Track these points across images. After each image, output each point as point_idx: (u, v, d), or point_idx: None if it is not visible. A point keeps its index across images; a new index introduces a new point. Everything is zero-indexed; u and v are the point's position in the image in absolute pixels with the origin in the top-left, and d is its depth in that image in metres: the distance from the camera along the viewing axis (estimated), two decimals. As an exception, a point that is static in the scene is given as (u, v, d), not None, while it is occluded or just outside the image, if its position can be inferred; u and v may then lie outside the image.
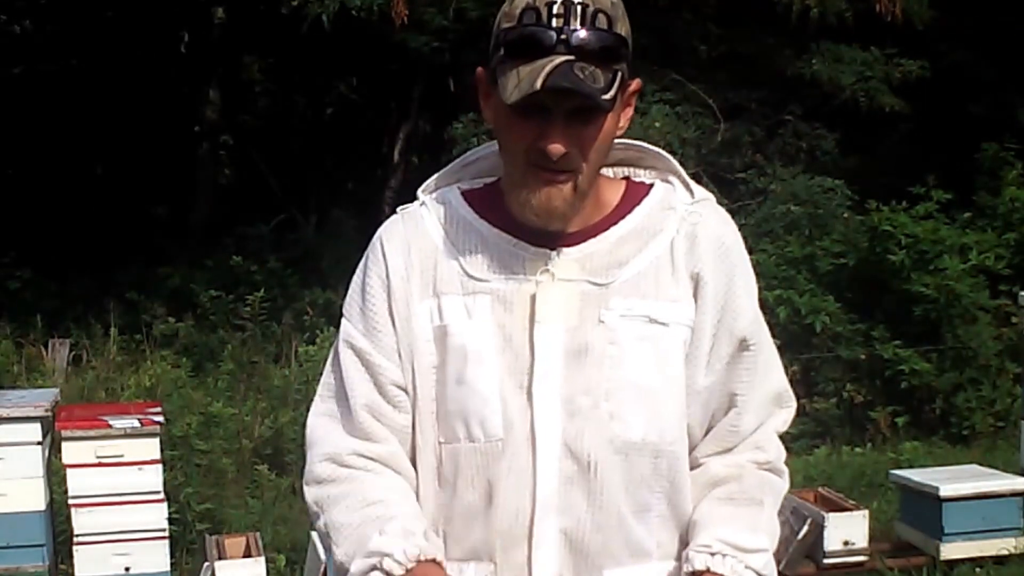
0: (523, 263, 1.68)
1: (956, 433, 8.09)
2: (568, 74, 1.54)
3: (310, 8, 8.97)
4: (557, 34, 1.56)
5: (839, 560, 5.24)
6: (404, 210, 1.78)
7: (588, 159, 1.62)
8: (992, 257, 8.74)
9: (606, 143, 1.65)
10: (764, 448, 1.73)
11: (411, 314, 1.70)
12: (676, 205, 1.72)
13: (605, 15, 1.58)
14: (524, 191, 1.63)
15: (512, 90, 1.57)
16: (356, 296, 1.74)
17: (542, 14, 1.57)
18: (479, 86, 1.70)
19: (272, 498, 6.28)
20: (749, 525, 1.66)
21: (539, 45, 1.56)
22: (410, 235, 1.73)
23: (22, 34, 13.89)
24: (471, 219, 1.72)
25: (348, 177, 14.47)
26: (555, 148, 1.58)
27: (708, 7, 10.08)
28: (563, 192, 1.62)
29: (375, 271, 1.73)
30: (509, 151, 1.65)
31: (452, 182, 1.79)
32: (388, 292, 1.71)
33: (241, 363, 7.96)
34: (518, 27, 1.59)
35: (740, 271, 1.71)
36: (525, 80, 1.55)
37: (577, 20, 1.56)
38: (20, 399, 4.95)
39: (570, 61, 1.55)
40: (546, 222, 1.65)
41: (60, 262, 11.15)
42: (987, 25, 10.72)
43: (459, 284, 1.69)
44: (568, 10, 1.56)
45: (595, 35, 1.57)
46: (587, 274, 1.67)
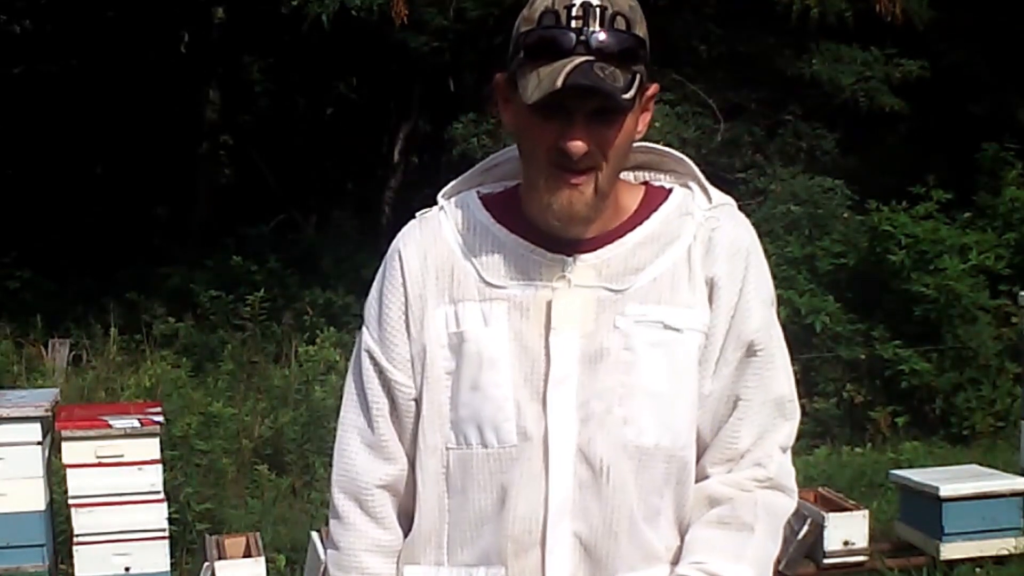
0: (540, 269, 1.68)
1: (956, 433, 8.09)
2: (588, 73, 1.55)
3: (310, 8, 8.97)
4: (576, 35, 1.57)
5: (839, 560, 5.24)
6: (423, 215, 1.79)
7: (608, 159, 1.62)
8: (992, 257, 8.74)
9: (626, 144, 1.65)
10: (764, 465, 1.71)
11: (426, 320, 1.70)
12: (694, 211, 1.72)
13: (623, 17, 1.59)
14: (545, 195, 1.64)
15: (533, 90, 1.58)
16: (374, 304, 1.76)
17: (561, 16, 1.58)
18: (498, 92, 1.70)
19: (272, 498, 6.28)
20: (734, 554, 1.66)
21: (559, 46, 1.57)
22: (427, 241, 1.74)
23: (22, 34, 13.89)
24: (488, 224, 1.73)
25: (348, 177, 14.48)
26: (576, 146, 1.59)
27: (708, 7, 10.09)
28: (584, 196, 1.63)
29: (391, 278, 1.74)
30: (530, 153, 1.65)
31: (472, 186, 1.79)
32: (405, 299, 1.72)
33: (241, 363, 7.96)
34: (537, 29, 1.60)
35: (754, 276, 1.71)
36: (546, 80, 1.56)
37: (596, 22, 1.57)
38: (20, 399, 4.95)
39: (590, 61, 1.56)
40: (567, 226, 1.65)
41: (60, 262, 11.15)
42: (987, 25, 10.72)
43: (476, 291, 1.69)
44: (587, 12, 1.57)
45: (614, 37, 1.58)
46: (604, 280, 1.67)
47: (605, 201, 1.66)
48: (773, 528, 1.71)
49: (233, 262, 10.03)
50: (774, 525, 1.72)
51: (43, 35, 13.69)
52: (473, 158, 8.33)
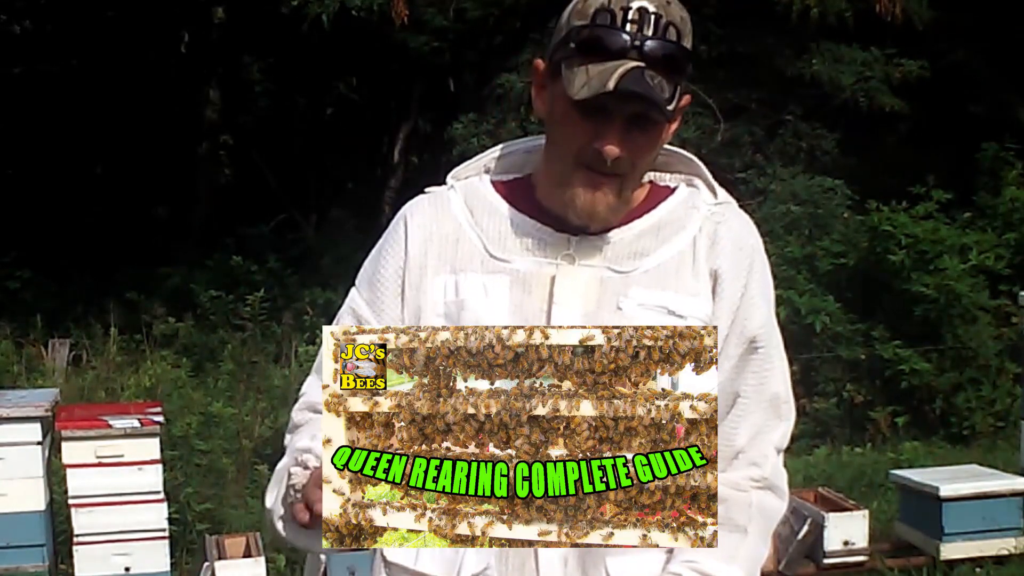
0: (545, 246, 1.70)
1: (956, 433, 8.09)
2: (640, 80, 1.56)
3: (310, 8, 8.97)
4: (631, 39, 1.58)
5: (839, 560, 5.24)
6: (432, 190, 1.80)
7: (637, 166, 1.65)
8: (992, 257, 8.74)
9: (655, 152, 1.68)
10: (760, 464, 1.71)
11: (423, 286, 1.71)
12: (700, 205, 1.74)
13: (675, 28, 1.60)
14: (569, 190, 1.65)
15: (581, 87, 1.58)
16: (369, 265, 1.77)
17: (617, 17, 1.59)
18: (535, 77, 1.71)
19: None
20: (727, 554, 1.66)
21: (612, 47, 1.58)
22: (434, 212, 1.75)
23: (22, 34, 13.89)
24: (497, 203, 1.74)
25: (348, 177, 14.48)
26: (612, 150, 1.60)
27: (708, 7, 10.08)
28: (608, 199, 1.64)
29: (394, 240, 1.76)
30: (560, 146, 1.66)
31: (482, 171, 1.80)
32: (404, 262, 1.73)
33: (241, 363, 7.96)
34: (591, 26, 1.60)
35: (757, 274, 1.72)
36: (596, 79, 1.57)
37: (650, 28, 1.59)
38: (20, 399, 4.95)
39: (641, 67, 1.57)
40: (586, 224, 1.67)
41: (60, 262, 11.15)
42: (987, 25, 10.72)
43: (479, 262, 1.70)
44: (643, 17, 1.59)
45: (666, 46, 1.59)
46: (608, 261, 1.68)
47: (626, 204, 1.68)
48: (765, 530, 1.72)
49: (233, 262, 10.04)
50: (766, 527, 1.72)
51: (43, 35, 13.69)
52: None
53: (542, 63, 1.69)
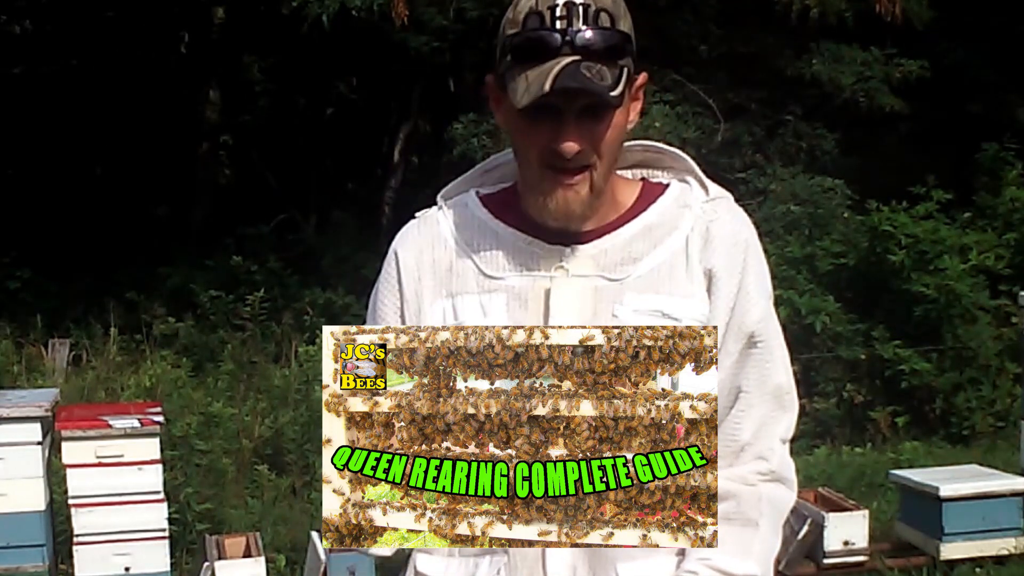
0: (538, 260, 1.70)
1: (956, 433, 8.09)
2: (576, 74, 1.56)
3: (310, 8, 8.97)
4: (562, 36, 1.58)
5: (839, 560, 5.24)
6: (422, 214, 1.81)
7: (601, 155, 1.64)
8: (992, 257, 8.74)
9: (618, 138, 1.66)
10: (767, 458, 1.71)
11: (423, 316, 1.72)
12: (692, 203, 1.73)
13: (607, 13, 1.60)
14: (541, 196, 1.65)
15: (522, 94, 1.59)
16: (369, 312, 1.80)
17: (545, 17, 1.59)
18: (489, 93, 1.72)
19: (272, 498, 6.28)
20: (741, 549, 1.66)
21: (545, 48, 1.58)
22: (424, 239, 1.76)
23: (22, 34, 13.89)
24: (486, 220, 1.75)
25: (348, 177, 14.47)
26: (569, 147, 1.60)
27: (708, 7, 10.09)
28: (580, 195, 1.64)
29: (387, 278, 1.77)
30: (523, 155, 1.67)
31: (471, 187, 1.81)
32: (400, 297, 1.75)
33: (241, 363, 7.96)
34: (523, 32, 1.61)
35: (753, 268, 1.72)
36: (534, 83, 1.57)
37: (580, 20, 1.58)
38: (20, 399, 4.96)
39: (576, 61, 1.57)
40: (565, 225, 1.67)
41: (60, 262, 11.14)
42: (987, 25, 10.73)
43: (475, 283, 1.71)
44: (571, 11, 1.58)
45: (599, 34, 1.59)
46: (601, 269, 1.68)
47: (601, 197, 1.67)
48: (776, 522, 1.72)
49: (233, 262, 10.03)
50: (777, 519, 1.73)
51: (43, 35, 13.69)
52: (473, 158, 8.35)
53: (492, 79, 1.70)
